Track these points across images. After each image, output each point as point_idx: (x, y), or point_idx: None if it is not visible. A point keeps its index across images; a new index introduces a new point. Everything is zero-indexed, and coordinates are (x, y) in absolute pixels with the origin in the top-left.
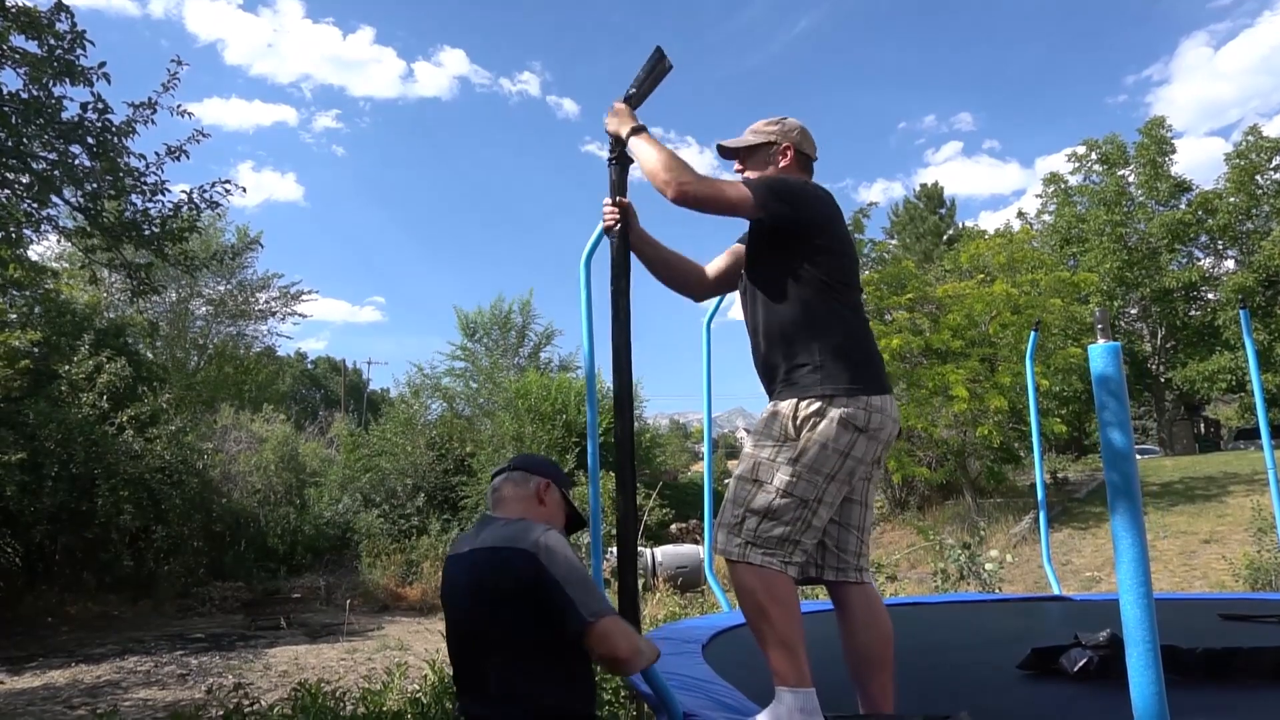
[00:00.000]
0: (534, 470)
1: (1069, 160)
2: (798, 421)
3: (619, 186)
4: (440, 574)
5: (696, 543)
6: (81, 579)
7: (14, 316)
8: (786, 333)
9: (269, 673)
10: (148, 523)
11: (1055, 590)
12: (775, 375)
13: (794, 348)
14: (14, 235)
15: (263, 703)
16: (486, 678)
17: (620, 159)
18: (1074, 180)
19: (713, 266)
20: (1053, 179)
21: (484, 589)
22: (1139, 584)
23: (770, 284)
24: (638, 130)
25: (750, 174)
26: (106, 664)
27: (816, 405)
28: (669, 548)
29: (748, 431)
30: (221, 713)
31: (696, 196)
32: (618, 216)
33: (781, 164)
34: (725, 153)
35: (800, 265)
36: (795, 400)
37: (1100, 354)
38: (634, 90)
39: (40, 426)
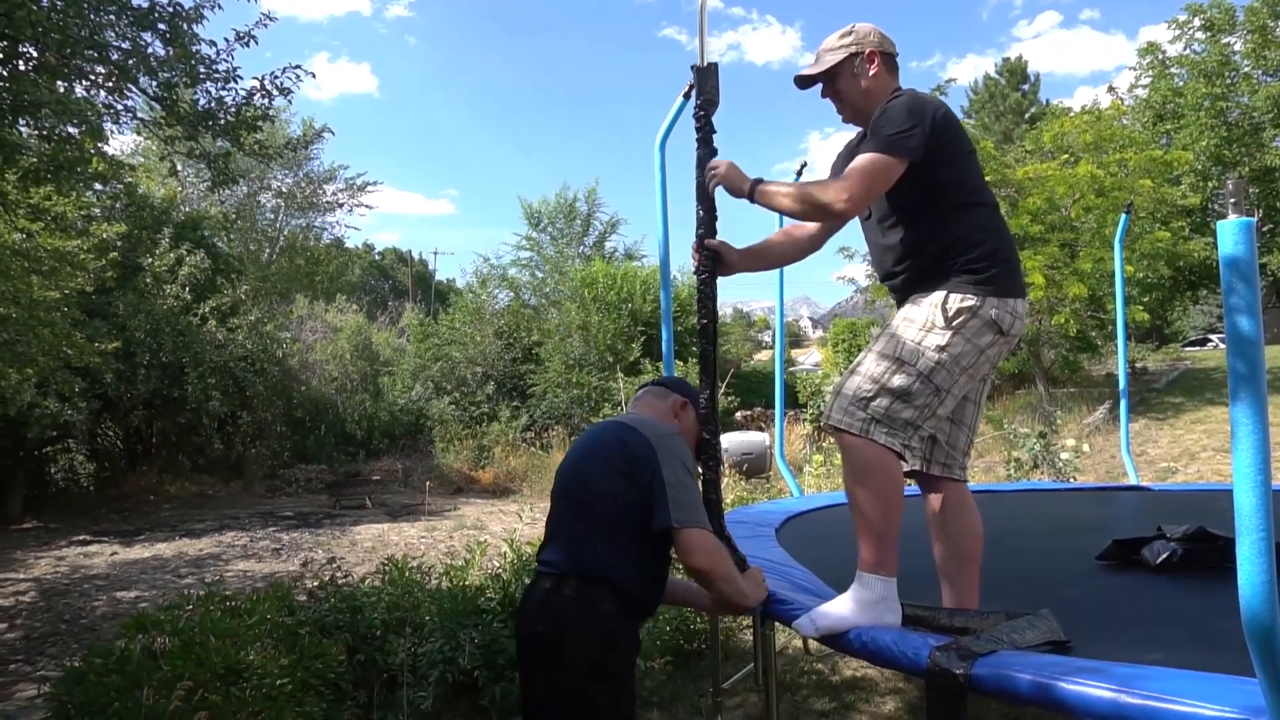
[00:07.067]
0: (674, 389)
1: (1170, 28)
2: (949, 313)
3: (708, 223)
4: (510, 459)
5: (761, 430)
6: (177, 460)
7: (98, 211)
8: (934, 238)
9: (355, 548)
10: (234, 409)
11: (1133, 480)
12: (920, 275)
13: (943, 250)
14: (96, 128)
15: (354, 575)
16: (573, 537)
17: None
18: (1173, 50)
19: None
20: (1149, 49)
21: (605, 456)
22: (1257, 472)
23: (910, 196)
24: (756, 184)
25: (842, 100)
26: (207, 538)
27: (971, 301)
28: (734, 435)
29: (812, 320)
30: (317, 584)
31: (857, 199)
32: (707, 265)
33: (871, 71)
34: (806, 82)
35: (938, 173)
36: (946, 293)
37: (1231, 231)
38: (702, 105)
39: (130, 317)
